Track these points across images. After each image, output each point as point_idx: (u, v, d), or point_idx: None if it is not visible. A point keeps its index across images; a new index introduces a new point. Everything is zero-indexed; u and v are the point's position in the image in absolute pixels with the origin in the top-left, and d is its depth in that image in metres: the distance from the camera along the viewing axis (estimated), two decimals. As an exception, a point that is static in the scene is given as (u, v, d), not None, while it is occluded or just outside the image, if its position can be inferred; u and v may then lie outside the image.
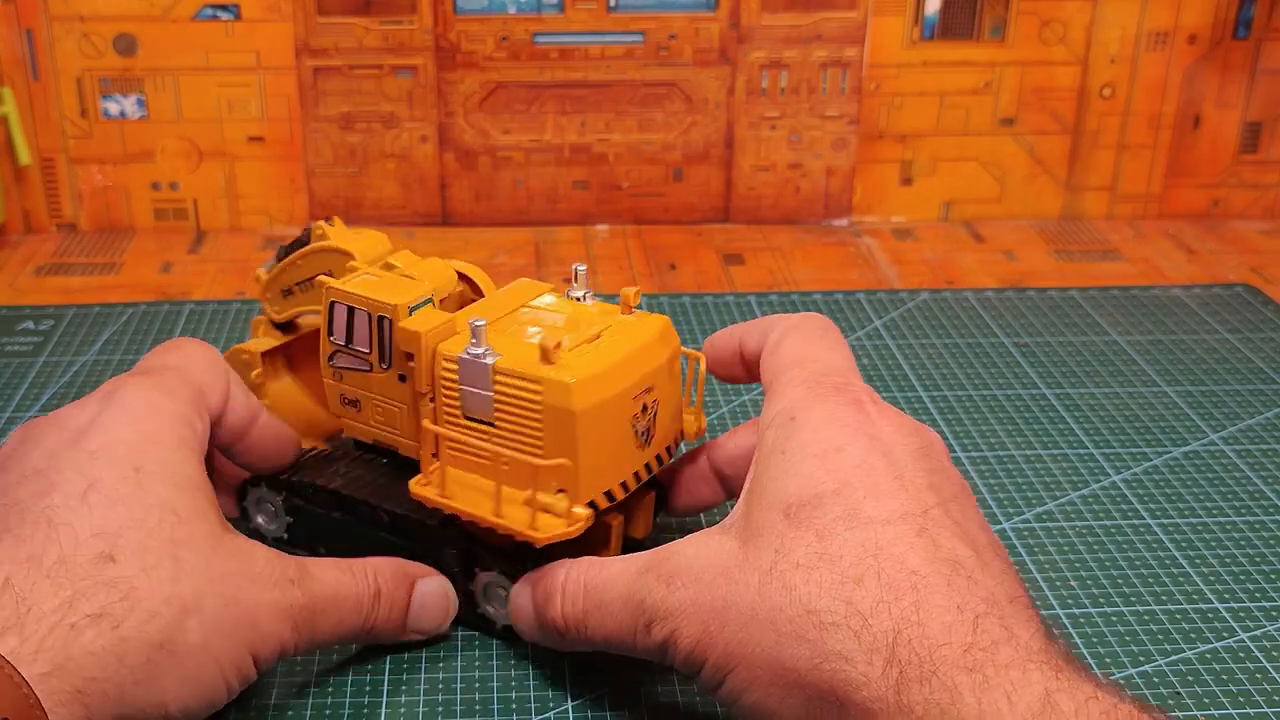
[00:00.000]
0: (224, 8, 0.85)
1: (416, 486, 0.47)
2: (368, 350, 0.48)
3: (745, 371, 0.50)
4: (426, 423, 0.47)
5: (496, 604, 0.49)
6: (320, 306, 0.50)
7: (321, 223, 0.52)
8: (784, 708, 0.38)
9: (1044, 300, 0.81)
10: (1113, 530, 0.58)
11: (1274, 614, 0.52)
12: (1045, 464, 0.62)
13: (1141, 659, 0.50)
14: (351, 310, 0.48)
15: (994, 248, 0.90)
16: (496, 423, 0.46)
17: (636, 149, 0.91)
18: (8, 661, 0.35)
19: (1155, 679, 0.49)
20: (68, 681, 0.36)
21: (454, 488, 0.46)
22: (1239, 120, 0.94)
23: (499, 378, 0.45)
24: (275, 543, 0.52)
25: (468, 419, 0.46)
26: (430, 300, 0.48)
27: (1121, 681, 0.48)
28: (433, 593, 0.48)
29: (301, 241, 0.53)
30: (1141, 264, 0.88)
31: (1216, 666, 0.49)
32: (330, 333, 0.49)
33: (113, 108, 0.87)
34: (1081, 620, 0.52)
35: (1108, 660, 0.49)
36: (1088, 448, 0.64)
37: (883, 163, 0.93)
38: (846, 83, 0.90)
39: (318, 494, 0.51)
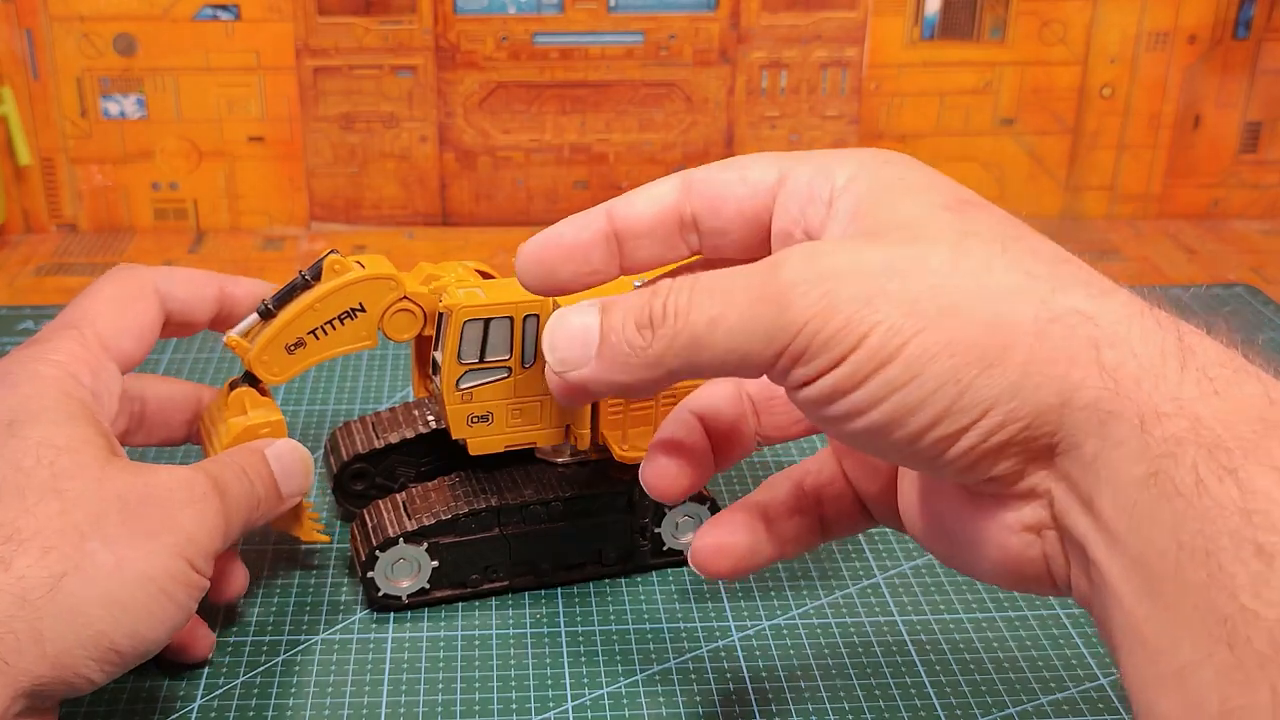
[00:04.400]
0: (224, 8, 0.85)
1: (621, 452, 0.50)
2: (507, 356, 0.49)
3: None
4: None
5: (692, 532, 0.53)
6: (406, 336, 0.51)
7: (335, 255, 0.50)
8: (981, 379, 0.32)
9: (1044, 300, 0.81)
10: (1113, 530, 0.58)
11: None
12: (1045, 464, 0.62)
13: (1141, 659, 0.50)
14: (487, 323, 0.48)
15: (994, 248, 0.90)
16: None
17: (636, 149, 0.91)
18: None
19: (1155, 679, 0.49)
20: None
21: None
22: (1239, 120, 0.94)
23: None
24: (415, 595, 0.51)
25: None
26: None
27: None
28: (284, 451, 0.48)
29: (299, 285, 0.49)
30: (1141, 264, 0.88)
31: (1216, 666, 0.49)
32: (460, 356, 0.49)
33: (113, 108, 0.87)
34: (1081, 620, 0.52)
35: (1107, 660, 0.49)
36: (1088, 448, 0.64)
37: (883, 163, 0.93)
38: (846, 83, 0.90)
39: (475, 520, 0.51)
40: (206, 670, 0.48)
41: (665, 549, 0.53)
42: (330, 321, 0.50)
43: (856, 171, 0.37)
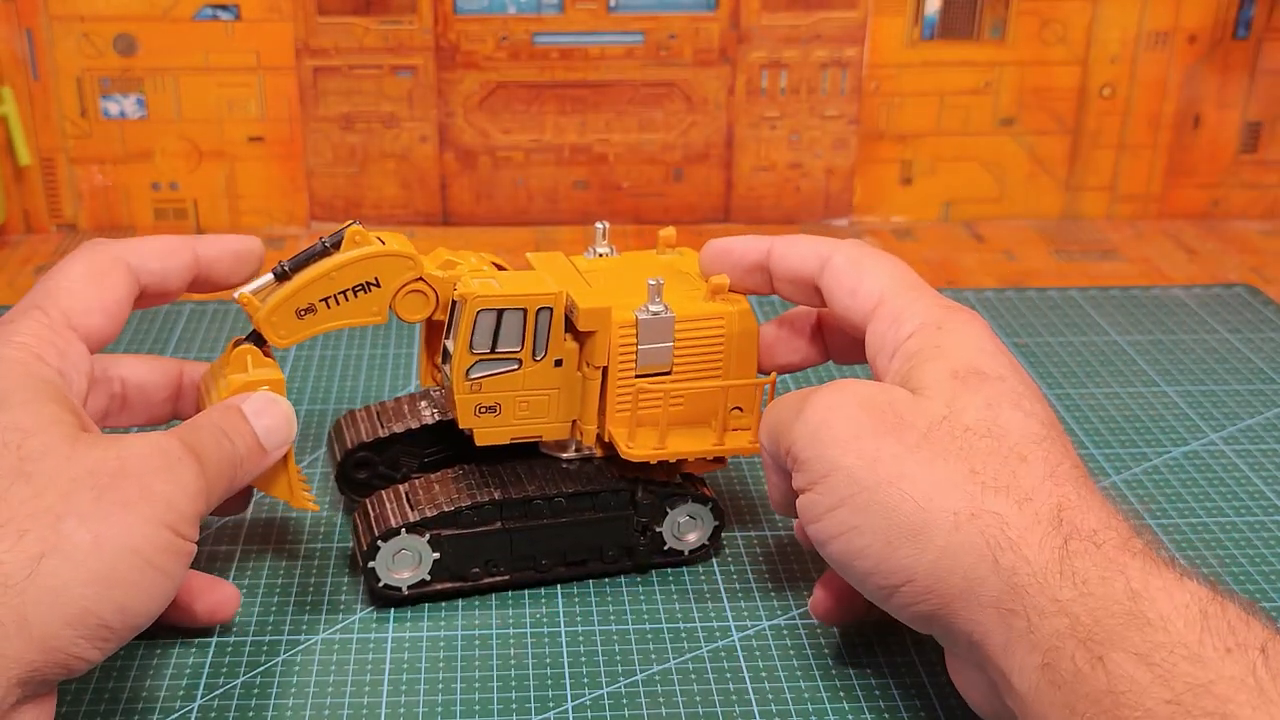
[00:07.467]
0: (224, 8, 0.85)
1: (627, 450, 0.50)
2: (518, 348, 0.49)
3: (764, 284, 0.52)
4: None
5: (693, 533, 0.54)
6: (416, 317, 0.51)
7: (357, 225, 0.49)
8: (917, 550, 0.40)
9: (1044, 300, 0.81)
10: (1113, 530, 0.58)
11: (1274, 614, 0.52)
12: (1045, 464, 0.62)
13: (1141, 659, 0.50)
14: (500, 313, 0.48)
15: (994, 248, 0.90)
16: (674, 369, 0.51)
17: (636, 149, 0.91)
18: None
19: (1155, 679, 0.49)
20: None
21: (668, 438, 0.50)
22: (1239, 120, 0.94)
23: (680, 325, 0.50)
24: (415, 587, 0.51)
25: (638, 377, 0.50)
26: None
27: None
28: (262, 404, 0.47)
29: (318, 251, 0.49)
30: (1141, 264, 0.88)
31: (1216, 666, 0.49)
32: (471, 345, 0.49)
33: (113, 108, 0.87)
34: (1081, 620, 0.52)
35: (1108, 660, 0.49)
36: (1088, 448, 0.64)
37: (882, 162, 0.93)
38: (846, 83, 0.90)
39: (478, 513, 0.51)
40: (206, 670, 0.48)
41: (666, 548, 0.53)
42: (345, 291, 0.49)
43: (920, 328, 0.45)
